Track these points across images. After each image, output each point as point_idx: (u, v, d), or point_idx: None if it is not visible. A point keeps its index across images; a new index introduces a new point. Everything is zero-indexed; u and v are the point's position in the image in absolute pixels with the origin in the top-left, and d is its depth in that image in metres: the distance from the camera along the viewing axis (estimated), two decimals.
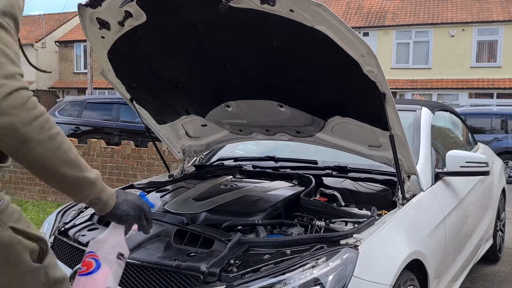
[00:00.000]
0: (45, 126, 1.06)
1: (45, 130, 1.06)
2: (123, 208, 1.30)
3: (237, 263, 1.89)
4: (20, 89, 1.03)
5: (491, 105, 15.38)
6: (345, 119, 2.60)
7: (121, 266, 1.33)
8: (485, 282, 4.04)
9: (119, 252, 1.32)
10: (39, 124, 1.05)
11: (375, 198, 2.60)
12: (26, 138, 1.03)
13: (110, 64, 2.65)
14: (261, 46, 2.26)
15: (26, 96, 1.04)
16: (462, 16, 20.42)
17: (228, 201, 2.50)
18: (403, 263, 2.07)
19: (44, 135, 1.05)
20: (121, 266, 1.34)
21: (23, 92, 1.04)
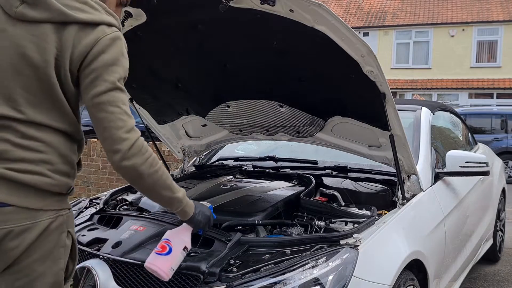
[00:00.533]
0: (152, 163, 1.46)
1: (152, 166, 1.46)
2: (198, 217, 1.75)
3: (237, 263, 1.89)
4: (138, 139, 1.43)
5: (491, 105, 15.37)
6: (345, 119, 2.60)
7: (183, 255, 1.78)
8: (485, 282, 4.04)
9: (185, 246, 1.77)
10: (149, 163, 1.45)
11: (375, 198, 2.60)
12: (141, 174, 1.44)
13: None
14: (261, 46, 2.26)
15: (141, 144, 1.44)
16: (462, 16, 20.42)
17: (228, 201, 2.50)
18: (403, 263, 2.07)
19: (152, 170, 1.46)
20: (183, 255, 1.78)
21: (139, 141, 1.43)
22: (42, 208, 1.39)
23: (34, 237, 1.37)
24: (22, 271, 1.38)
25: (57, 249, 1.43)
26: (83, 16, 1.38)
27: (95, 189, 6.64)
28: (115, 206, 2.67)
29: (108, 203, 2.69)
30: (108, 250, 2.05)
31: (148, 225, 2.16)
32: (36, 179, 1.37)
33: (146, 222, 2.20)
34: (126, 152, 1.40)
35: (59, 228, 1.43)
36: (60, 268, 1.45)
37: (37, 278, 1.39)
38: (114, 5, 1.58)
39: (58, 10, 1.36)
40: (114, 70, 1.39)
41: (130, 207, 2.66)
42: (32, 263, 1.38)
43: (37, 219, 1.38)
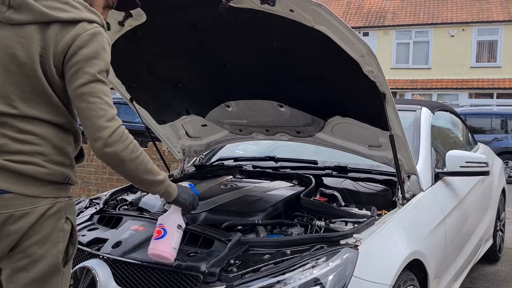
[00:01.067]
0: (133, 149, 1.56)
1: (133, 152, 1.56)
2: (183, 196, 1.86)
3: (237, 263, 1.89)
4: (119, 127, 1.52)
5: (491, 105, 15.37)
6: (345, 119, 2.60)
7: (179, 233, 1.91)
8: (485, 282, 4.04)
9: (178, 224, 1.90)
10: (130, 149, 1.55)
11: (375, 198, 2.60)
12: (123, 159, 1.54)
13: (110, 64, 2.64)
14: (261, 46, 2.26)
15: (122, 131, 1.53)
16: (462, 16, 20.42)
17: (228, 201, 2.50)
18: (403, 263, 2.07)
19: (133, 155, 1.56)
20: (180, 233, 1.91)
21: (120, 129, 1.53)
22: (40, 195, 1.52)
23: (33, 221, 1.50)
24: (23, 253, 1.51)
25: (56, 233, 1.55)
26: (64, 15, 1.51)
27: (95, 189, 6.64)
28: (115, 206, 2.67)
29: (108, 203, 2.69)
30: (108, 250, 2.05)
31: (148, 225, 2.17)
32: (31, 169, 1.51)
33: (146, 222, 2.21)
34: (107, 139, 1.49)
35: (57, 214, 1.56)
36: (59, 251, 1.56)
37: (37, 260, 1.52)
38: (101, 7, 1.71)
39: (40, 12, 1.50)
40: (94, 63, 1.50)
41: (130, 207, 2.66)
42: (32, 245, 1.51)
43: (35, 205, 1.51)
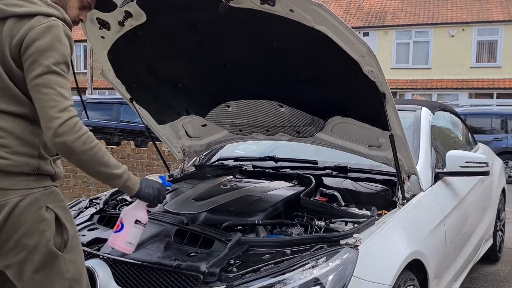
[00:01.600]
0: (86, 141, 1.57)
1: (86, 144, 1.56)
2: (146, 190, 1.82)
3: (237, 263, 1.89)
4: (70, 118, 1.53)
5: (491, 105, 15.37)
6: (345, 119, 2.60)
7: (138, 229, 1.91)
8: (485, 282, 4.04)
9: (137, 219, 1.89)
10: (82, 140, 1.55)
11: (375, 198, 2.60)
12: (73, 150, 1.55)
13: (110, 64, 2.65)
14: (261, 46, 2.26)
15: (74, 122, 1.54)
16: (462, 16, 20.43)
17: (228, 201, 2.50)
18: (403, 263, 2.07)
19: (86, 147, 1.56)
20: (139, 229, 1.91)
21: (72, 120, 1.54)
22: (10, 188, 1.56)
23: (6, 213, 1.55)
24: (16, 247, 1.58)
25: (38, 223, 1.59)
26: (19, 10, 1.57)
27: (95, 189, 6.64)
28: (115, 206, 2.67)
29: (108, 203, 2.69)
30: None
31: (148, 225, 2.16)
32: None
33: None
34: (57, 129, 1.52)
35: (34, 205, 1.59)
36: (47, 239, 1.60)
37: (32, 251, 1.58)
38: (76, 7, 1.78)
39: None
40: (49, 55, 1.54)
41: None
42: (21, 238, 1.57)
43: (4, 198, 1.55)
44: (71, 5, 1.75)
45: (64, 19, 1.64)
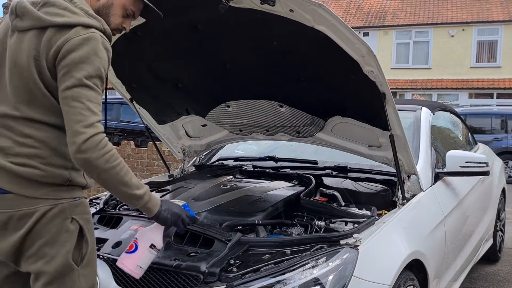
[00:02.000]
0: (109, 159, 1.53)
1: (109, 162, 1.53)
2: (164, 214, 1.77)
3: (237, 263, 1.89)
4: (96, 134, 1.50)
5: (491, 105, 15.37)
6: (345, 119, 2.60)
7: (152, 253, 1.83)
8: (485, 282, 4.04)
9: (152, 244, 1.82)
10: (105, 158, 1.52)
11: (375, 198, 2.60)
12: (95, 167, 1.52)
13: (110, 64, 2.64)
14: (261, 46, 2.26)
15: (99, 139, 1.51)
16: (462, 16, 20.42)
17: (228, 201, 2.50)
18: (403, 263, 2.06)
19: (108, 166, 1.53)
20: (152, 253, 1.83)
21: (97, 136, 1.51)
22: (39, 197, 1.56)
23: (34, 222, 1.55)
24: (36, 254, 1.57)
25: (62, 233, 1.58)
26: (59, 20, 1.55)
27: (95, 189, 6.63)
28: (115, 206, 2.67)
29: (108, 203, 2.69)
30: (108, 250, 2.05)
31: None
32: (28, 171, 1.55)
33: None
34: (81, 145, 1.49)
35: (61, 215, 1.58)
36: (67, 251, 1.59)
37: (50, 260, 1.57)
38: (119, 15, 1.74)
39: (37, 17, 1.56)
40: (82, 67, 1.51)
41: (130, 207, 2.66)
42: (43, 246, 1.57)
43: (34, 206, 1.55)
44: (114, 13, 1.71)
45: (104, 30, 1.61)
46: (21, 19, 1.59)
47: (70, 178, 1.61)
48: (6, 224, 1.56)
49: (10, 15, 1.62)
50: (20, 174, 1.55)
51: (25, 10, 1.58)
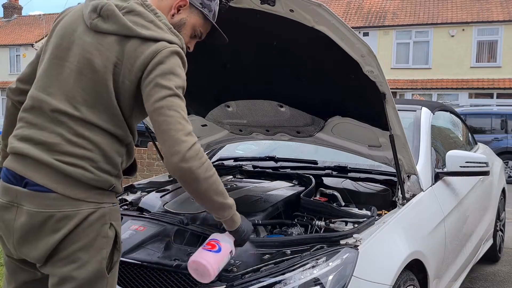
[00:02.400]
0: (208, 168, 1.53)
1: (207, 171, 1.52)
2: (243, 228, 1.78)
3: (237, 263, 1.89)
4: (195, 143, 1.50)
5: (491, 105, 15.36)
6: (345, 119, 2.60)
7: (228, 258, 1.77)
8: (485, 282, 4.04)
9: (231, 250, 1.77)
10: (205, 167, 1.51)
11: (375, 198, 2.60)
12: (197, 177, 1.49)
13: None
14: (261, 46, 2.26)
15: (198, 148, 1.51)
16: (462, 16, 20.42)
17: None
18: (403, 263, 2.06)
19: (207, 174, 1.52)
20: (228, 258, 1.77)
21: (197, 145, 1.51)
22: (84, 199, 1.51)
23: (74, 224, 1.49)
24: (68, 258, 1.50)
25: (100, 239, 1.53)
26: (146, 32, 1.53)
27: None
28: None
29: None
30: None
31: (148, 225, 2.17)
32: (78, 172, 1.50)
33: (146, 222, 2.20)
34: (185, 154, 1.46)
35: (101, 220, 1.54)
36: (103, 257, 1.54)
37: (82, 265, 1.50)
38: (188, 35, 1.76)
39: (125, 25, 1.53)
40: (171, 78, 1.51)
41: (130, 207, 2.66)
42: (77, 250, 1.50)
43: (77, 208, 1.50)
44: (184, 33, 1.73)
45: (183, 47, 1.62)
46: (104, 21, 1.54)
47: (114, 185, 1.58)
48: (43, 224, 1.48)
49: (91, 12, 1.56)
50: (70, 174, 1.49)
51: (111, 14, 1.54)
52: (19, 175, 1.52)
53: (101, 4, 1.55)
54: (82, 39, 1.55)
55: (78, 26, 1.58)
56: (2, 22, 32.73)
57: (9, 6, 33.22)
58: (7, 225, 1.54)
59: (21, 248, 1.54)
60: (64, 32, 1.60)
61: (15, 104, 1.77)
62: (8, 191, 1.53)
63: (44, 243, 1.49)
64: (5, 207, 1.53)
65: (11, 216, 1.52)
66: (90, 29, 1.55)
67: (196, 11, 1.73)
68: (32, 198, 1.49)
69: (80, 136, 1.52)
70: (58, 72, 1.56)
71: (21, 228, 1.50)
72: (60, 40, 1.59)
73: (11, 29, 31.50)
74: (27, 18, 32.85)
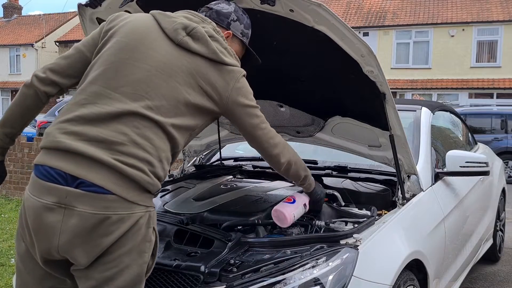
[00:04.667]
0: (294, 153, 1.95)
1: (296, 155, 1.95)
2: (318, 189, 2.22)
3: (237, 263, 1.89)
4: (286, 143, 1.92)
5: (491, 105, 15.36)
6: (345, 119, 2.60)
7: (302, 210, 2.22)
8: (485, 282, 4.04)
9: (305, 203, 2.22)
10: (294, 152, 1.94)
11: (375, 198, 2.60)
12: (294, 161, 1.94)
13: None
14: (261, 46, 2.26)
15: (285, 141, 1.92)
16: (462, 16, 20.43)
17: (228, 201, 2.50)
18: (403, 263, 2.06)
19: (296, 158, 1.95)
20: (302, 210, 2.22)
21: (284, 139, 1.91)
22: (137, 202, 1.50)
23: (127, 227, 1.47)
24: (112, 262, 1.48)
25: (144, 243, 1.53)
26: (227, 60, 1.70)
27: None
28: None
29: None
30: None
31: None
32: (138, 174, 1.49)
33: None
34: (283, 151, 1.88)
35: (148, 223, 1.54)
36: (144, 261, 1.54)
37: (124, 269, 1.49)
38: None
39: (213, 50, 1.66)
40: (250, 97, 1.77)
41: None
42: (123, 254, 1.48)
43: (131, 211, 1.48)
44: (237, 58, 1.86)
45: None
46: (193, 40, 1.65)
47: (159, 189, 1.59)
48: (96, 227, 1.43)
49: (179, 29, 1.65)
50: (129, 175, 1.46)
51: (202, 38, 1.65)
52: (70, 174, 1.44)
53: (192, 26, 1.66)
54: (164, 49, 1.62)
55: (153, 35, 1.64)
56: (2, 22, 32.74)
57: (9, 6, 33.25)
58: (48, 228, 1.45)
59: (68, 251, 1.47)
60: (135, 36, 1.63)
61: (39, 95, 1.68)
62: (53, 191, 1.45)
63: (94, 246, 1.45)
64: (49, 208, 1.45)
65: (56, 218, 1.44)
66: (176, 44, 1.64)
67: (237, 40, 1.89)
68: (87, 199, 1.43)
69: (146, 138, 1.52)
70: (131, 72, 1.57)
71: (71, 230, 1.43)
72: (133, 43, 1.61)
73: (11, 29, 31.51)
74: (27, 18, 32.86)
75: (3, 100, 30.31)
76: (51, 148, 1.50)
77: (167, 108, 1.57)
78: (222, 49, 1.69)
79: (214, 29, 1.72)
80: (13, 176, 7.30)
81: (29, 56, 29.20)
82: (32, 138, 7.82)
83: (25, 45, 29.30)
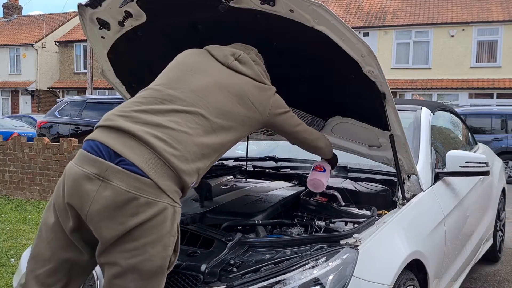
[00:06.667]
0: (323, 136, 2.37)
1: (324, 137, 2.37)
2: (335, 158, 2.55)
3: (237, 263, 1.89)
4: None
5: (491, 105, 15.37)
6: (345, 119, 2.60)
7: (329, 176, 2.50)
8: (485, 282, 4.04)
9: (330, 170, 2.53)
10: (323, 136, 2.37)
11: (375, 198, 2.60)
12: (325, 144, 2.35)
13: (110, 64, 2.64)
14: (261, 46, 2.26)
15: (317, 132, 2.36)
16: (462, 16, 20.43)
17: (228, 201, 2.50)
18: (403, 263, 2.06)
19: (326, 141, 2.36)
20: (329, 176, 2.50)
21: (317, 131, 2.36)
22: (166, 192, 1.56)
23: (152, 214, 1.52)
24: (138, 250, 1.53)
25: (169, 237, 1.58)
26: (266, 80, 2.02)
27: None
28: None
29: None
30: None
31: None
32: (177, 162, 1.58)
33: None
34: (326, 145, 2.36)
35: (173, 218, 1.59)
36: (168, 255, 1.59)
37: (148, 259, 1.54)
38: None
39: (257, 73, 1.98)
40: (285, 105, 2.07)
41: None
42: (147, 244, 1.53)
43: (159, 198, 1.54)
44: None
45: None
46: (241, 64, 1.96)
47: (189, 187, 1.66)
48: (125, 205, 1.51)
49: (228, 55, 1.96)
50: (170, 163, 1.56)
51: (247, 62, 1.98)
52: (115, 151, 1.55)
53: (238, 53, 1.99)
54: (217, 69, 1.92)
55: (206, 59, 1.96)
56: (2, 22, 32.75)
57: (9, 6, 33.26)
58: (83, 194, 1.53)
59: (94, 221, 1.53)
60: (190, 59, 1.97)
61: None
62: (96, 163, 1.55)
63: (119, 223, 1.51)
64: (88, 177, 1.54)
65: (92, 187, 1.52)
66: (225, 66, 1.94)
67: None
68: (124, 176, 1.51)
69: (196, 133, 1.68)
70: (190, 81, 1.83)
71: (103, 201, 1.51)
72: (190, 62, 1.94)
73: (11, 29, 31.52)
74: (27, 18, 32.87)
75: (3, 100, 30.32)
76: (105, 126, 1.63)
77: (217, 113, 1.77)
78: (262, 72, 2.01)
79: (256, 54, 2.08)
80: (13, 176, 7.30)
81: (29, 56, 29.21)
82: (32, 138, 7.82)
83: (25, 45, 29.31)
